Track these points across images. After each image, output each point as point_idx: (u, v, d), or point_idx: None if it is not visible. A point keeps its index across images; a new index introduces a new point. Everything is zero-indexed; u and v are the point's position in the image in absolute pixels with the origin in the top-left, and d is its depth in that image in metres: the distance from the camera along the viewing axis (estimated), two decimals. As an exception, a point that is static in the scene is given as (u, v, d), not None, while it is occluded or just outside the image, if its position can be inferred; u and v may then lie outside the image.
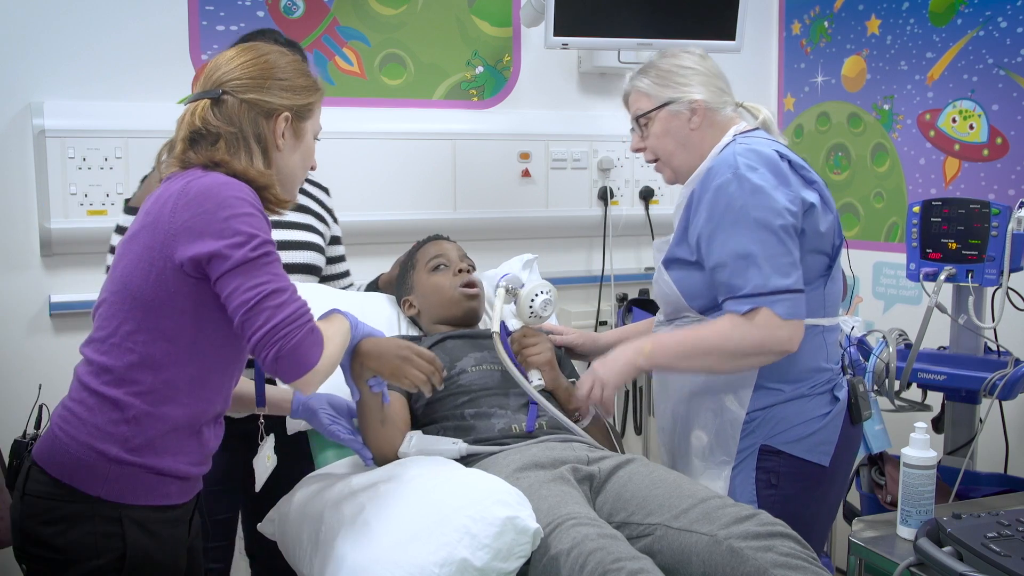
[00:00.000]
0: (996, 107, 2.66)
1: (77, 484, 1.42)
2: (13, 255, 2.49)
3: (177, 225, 1.41)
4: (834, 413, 1.82)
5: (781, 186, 1.72)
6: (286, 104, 1.55)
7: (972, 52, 2.72)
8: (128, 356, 1.43)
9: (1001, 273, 2.26)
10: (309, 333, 1.40)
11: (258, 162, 1.51)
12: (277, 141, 1.55)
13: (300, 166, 1.62)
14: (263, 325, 1.37)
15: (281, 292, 1.40)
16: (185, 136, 1.51)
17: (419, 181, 2.89)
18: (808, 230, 1.75)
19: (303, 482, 1.94)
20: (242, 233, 1.39)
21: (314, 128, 1.64)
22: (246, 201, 1.43)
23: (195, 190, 1.42)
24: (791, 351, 1.72)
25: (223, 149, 1.50)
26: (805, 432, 1.81)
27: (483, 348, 2.11)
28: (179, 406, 1.46)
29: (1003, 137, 2.65)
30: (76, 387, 1.48)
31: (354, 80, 2.86)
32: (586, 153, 3.11)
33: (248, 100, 1.52)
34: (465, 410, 1.97)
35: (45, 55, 2.50)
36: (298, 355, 1.39)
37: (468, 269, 2.23)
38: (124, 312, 1.44)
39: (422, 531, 1.53)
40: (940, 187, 2.83)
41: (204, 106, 1.52)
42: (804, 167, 1.80)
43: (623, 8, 2.60)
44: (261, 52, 1.58)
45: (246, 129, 1.51)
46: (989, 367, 2.28)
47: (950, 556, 1.49)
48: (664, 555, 1.61)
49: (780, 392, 1.82)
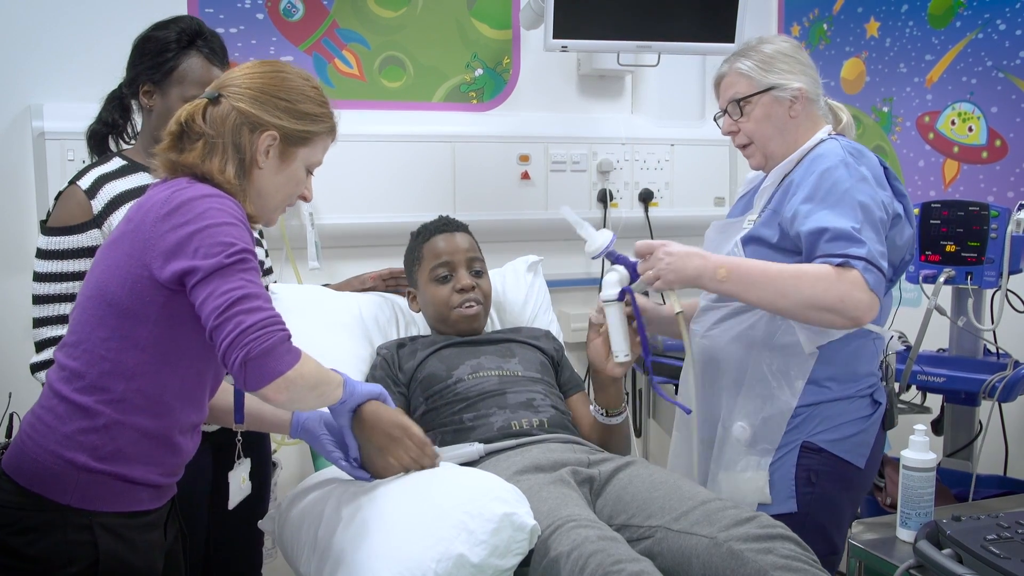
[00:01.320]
0: (995, 109, 2.66)
1: (46, 493, 1.40)
2: (12, 258, 2.49)
3: (157, 236, 1.39)
4: (875, 417, 1.86)
5: (880, 187, 1.77)
6: (275, 123, 1.51)
7: (971, 54, 2.72)
8: (101, 363, 1.41)
9: (1000, 275, 2.26)
10: (282, 342, 1.34)
11: (229, 169, 1.48)
12: (258, 157, 1.51)
13: (281, 191, 1.57)
14: (232, 330, 1.31)
15: (253, 298, 1.34)
16: (171, 131, 1.50)
17: (418, 183, 2.89)
18: (890, 238, 1.78)
19: (303, 483, 1.94)
20: (219, 243, 1.36)
21: (309, 159, 1.59)
22: (227, 212, 1.40)
23: (178, 201, 1.40)
24: (862, 322, 1.71)
25: (198, 150, 1.48)
26: (848, 432, 1.82)
27: (480, 355, 2.11)
28: (151, 416, 1.44)
29: (1002, 139, 2.65)
30: (47, 393, 1.46)
31: (353, 82, 2.86)
32: (586, 155, 3.11)
33: (238, 108, 1.50)
34: (463, 415, 1.97)
35: (45, 57, 2.50)
36: (267, 360, 1.31)
37: (472, 285, 2.18)
38: (98, 318, 1.42)
39: (419, 527, 1.53)
40: (939, 189, 2.84)
41: (198, 105, 1.51)
42: (896, 179, 1.84)
43: (623, 10, 2.60)
44: (277, 69, 1.56)
45: (226, 135, 1.49)
46: (988, 369, 2.29)
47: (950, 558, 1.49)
48: (664, 557, 1.61)
49: (829, 390, 1.83)
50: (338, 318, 2.24)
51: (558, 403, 2.06)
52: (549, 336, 2.30)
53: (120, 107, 1.97)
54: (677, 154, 3.24)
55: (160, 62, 1.87)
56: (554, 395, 2.08)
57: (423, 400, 2.04)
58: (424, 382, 2.06)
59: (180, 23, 1.91)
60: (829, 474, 1.82)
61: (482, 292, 2.20)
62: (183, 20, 1.93)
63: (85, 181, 1.84)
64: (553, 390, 2.10)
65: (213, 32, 1.95)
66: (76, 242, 1.80)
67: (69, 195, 1.84)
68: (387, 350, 2.15)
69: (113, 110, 1.97)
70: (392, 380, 2.08)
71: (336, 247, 2.78)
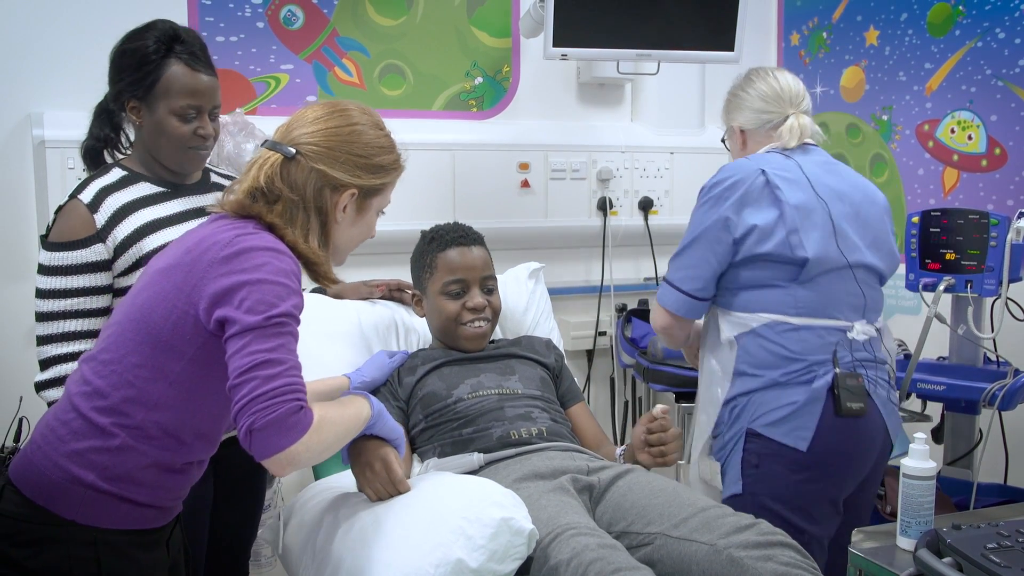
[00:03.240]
0: (994, 118, 2.67)
1: (50, 507, 1.38)
2: (13, 265, 2.49)
3: (211, 277, 1.37)
4: (807, 401, 1.92)
5: (743, 204, 1.97)
6: (355, 183, 1.50)
7: (970, 63, 2.72)
8: (127, 388, 1.39)
9: (1000, 283, 2.26)
10: (292, 413, 1.30)
11: (313, 240, 1.47)
12: (336, 215, 1.50)
13: (355, 240, 1.58)
14: (247, 395, 1.29)
15: (276, 364, 1.31)
16: (247, 189, 1.47)
17: (418, 191, 2.89)
18: (746, 249, 1.96)
19: (302, 492, 1.94)
20: (265, 302, 1.34)
21: (381, 204, 1.59)
22: (285, 272, 1.38)
23: (240, 247, 1.38)
24: (661, 331, 2.12)
25: (279, 212, 1.46)
26: (782, 415, 1.92)
27: (480, 373, 2.09)
28: (163, 448, 1.42)
29: (1001, 148, 2.65)
30: (65, 405, 1.43)
31: (353, 91, 2.87)
32: (585, 164, 3.12)
33: (319, 170, 1.47)
34: (462, 430, 1.97)
35: (45, 66, 2.51)
36: (270, 433, 1.28)
37: (484, 305, 2.16)
38: (135, 343, 1.40)
39: (417, 533, 1.53)
40: (939, 197, 2.84)
41: (275, 162, 1.48)
42: (778, 187, 1.97)
43: (622, 19, 2.60)
44: (349, 121, 1.53)
45: (308, 199, 1.47)
46: (988, 377, 2.28)
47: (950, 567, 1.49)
48: (664, 564, 1.61)
49: (759, 378, 1.96)
50: (337, 327, 2.23)
51: (556, 416, 2.06)
52: (550, 345, 2.29)
53: (110, 121, 1.93)
54: (677, 162, 3.24)
55: (141, 76, 1.81)
56: (553, 409, 2.08)
57: (422, 418, 2.03)
58: (424, 400, 2.05)
59: (154, 30, 1.85)
60: (771, 456, 1.93)
61: (492, 310, 2.19)
62: (157, 26, 1.86)
63: (86, 195, 1.81)
64: (552, 405, 2.10)
65: (190, 32, 1.89)
66: (80, 257, 1.77)
67: (70, 209, 1.80)
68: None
69: (103, 124, 1.93)
70: (391, 394, 2.08)
71: (336, 255, 2.78)
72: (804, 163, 2.04)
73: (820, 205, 1.99)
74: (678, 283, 2.03)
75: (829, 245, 1.97)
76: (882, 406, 2.01)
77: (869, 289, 2.03)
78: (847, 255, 1.99)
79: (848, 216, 2.02)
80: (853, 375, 1.94)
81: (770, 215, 1.95)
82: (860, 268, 2.01)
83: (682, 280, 2.03)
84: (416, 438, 2.03)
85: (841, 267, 1.98)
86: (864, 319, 2.00)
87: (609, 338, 3.16)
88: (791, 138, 2.08)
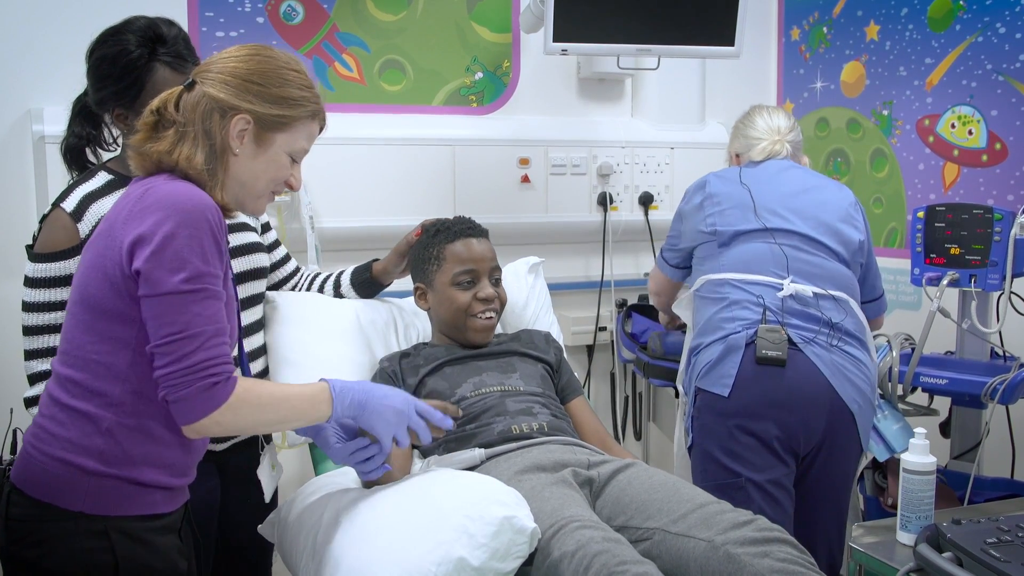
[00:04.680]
0: (995, 113, 2.66)
1: (57, 501, 1.37)
2: (12, 262, 2.48)
3: (128, 232, 1.36)
4: (725, 350, 2.12)
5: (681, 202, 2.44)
6: (247, 108, 1.46)
7: (971, 58, 2.72)
8: (94, 368, 1.39)
9: (1004, 278, 2.27)
10: (205, 389, 1.33)
11: (198, 156, 1.44)
12: (231, 143, 1.47)
13: (261, 177, 1.51)
14: (163, 367, 1.33)
15: (193, 338, 1.33)
16: (146, 121, 1.46)
17: (418, 187, 2.89)
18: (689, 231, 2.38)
19: (303, 488, 1.94)
20: (179, 259, 1.33)
21: (290, 145, 1.52)
22: (198, 219, 1.36)
23: (152, 198, 1.37)
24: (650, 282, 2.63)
25: (168, 139, 1.44)
26: (708, 367, 2.14)
27: (482, 371, 2.08)
28: (149, 417, 1.40)
29: (1002, 143, 2.65)
30: (45, 402, 1.43)
31: (354, 86, 2.87)
32: (585, 159, 3.11)
33: (209, 94, 1.46)
34: (464, 427, 1.97)
35: (45, 61, 2.50)
36: (182, 407, 1.34)
37: (494, 295, 2.14)
38: (84, 323, 1.40)
39: (419, 531, 1.53)
40: (939, 192, 2.84)
41: (172, 93, 1.48)
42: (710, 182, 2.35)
43: (622, 14, 2.60)
44: (256, 52, 1.51)
45: (196, 122, 1.45)
46: (992, 372, 2.28)
47: (950, 562, 1.49)
48: (662, 560, 1.61)
49: (699, 335, 2.23)
50: (336, 325, 2.22)
51: (557, 411, 2.06)
52: (549, 339, 2.29)
53: (91, 119, 1.85)
54: (677, 157, 3.24)
55: (126, 86, 1.73)
56: (553, 405, 2.08)
57: None
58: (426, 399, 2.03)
59: (132, 30, 1.75)
60: (704, 407, 2.14)
61: (500, 302, 2.18)
62: (134, 26, 1.75)
63: (69, 203, 1.72)
64: (553, 401, 2.10)
65: (172, 26, 1.79)
66: (62, 269, 1.69)
67: (54, 219, 1.71)
68: (389, 363, 2.12)
69: (84, 122, 1.84)
70: None
71: (336, 250, 2.78)
72: (747, 166, 2.37)
73: (742, 190, 2.28)
74: (663, 248, 2.53)
75: (745, 214, 2.26)
76: (824, 366, 2.08)
77: (795, 251, 2.20)
78: (765, 222, 2.23)
79: (776, 196, 2.26)
80: (775, 328, 2.09)
81: (696, 202, 2.35)
82: (782, 233, 2.22)
83: (665, 245, 2.52)
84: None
85: (759, 230, 2.23)
86: (791, 277, 2.16)
87: (609, 333, 3.16)
88: (758, 155, 2.39)
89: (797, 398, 2.06)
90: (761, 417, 2.06)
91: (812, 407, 2.07)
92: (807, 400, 2.07)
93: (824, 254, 2.21)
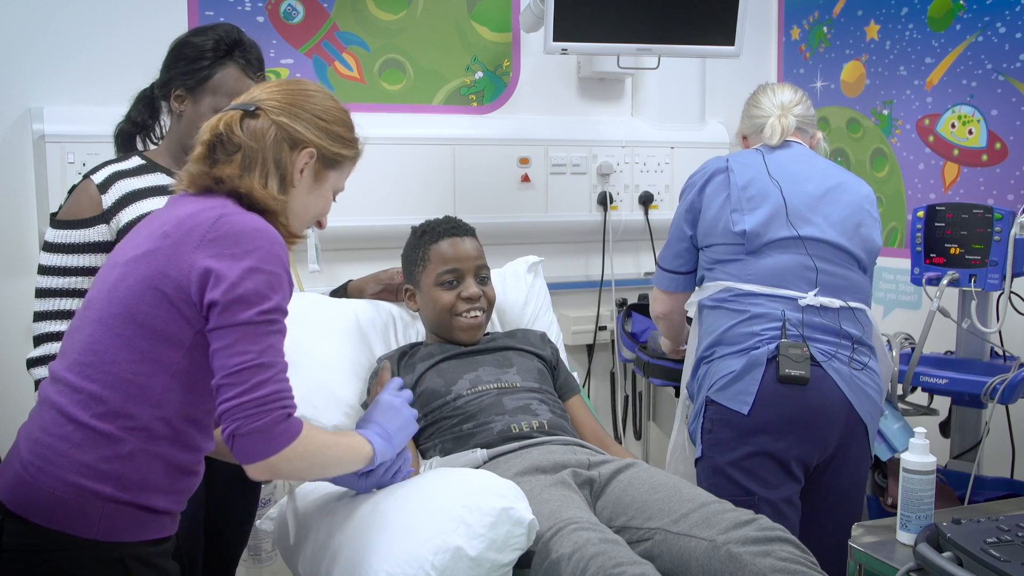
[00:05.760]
0: (995, 112, 2.66)
1: (67, 529, 1.28)
2: (13, 260, 2.49)
3: (200, 259, 1.32)
4: (750, 365, 2.03)
5: (691, 190, 2.25)
6: (315, 141, 1.48)
7: (971, 57, 2.72)
8: (126, 387, 1.31)
9: (1004, 278, 2.26)
10: (279, 422, 1.29)
11: (273, 185, 1.43)
12: (294, 175, 1.47)
13: (310, 211, 1.53)
14: (233, 399, 1.27)
15: (265, 368, 1.29)
16: (206, 141, 1.44)
17: (418, 186, 2.89)
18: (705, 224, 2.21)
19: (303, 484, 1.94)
20: (256, 294, 1.31)
21: (336, 184, 1.56)
22: (275, 257, 1.34)
23: (228, 229, 1.34)
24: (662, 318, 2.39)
25: (237, 163, 1.42)
26: (726, 381, 2.05)
27: (478, 367, 2.09)
28: (172, 444, 1.35)
29: (1002, 142, 2.65)
30: (54, 419, 1.32)
31: (354, 85, 2.87)
32: (585, 158, 3.11)
33: (279, 123, 1.45)
34: (463, 426, 1.97)
35: (44, 60, 2.50)
36: (254, 440, 1.28)
37: (479, 294, 2.15)
38: (124, 339, 1.32)
39: (416, 522, 1.53)
40: (939, 192, 2.84)
41: (235, 115, 1.46)
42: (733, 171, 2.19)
43: (622, 14, 2.60)
44: (306, 88, 1.53)
45: (267, 150, 1.44)
46: (992, 371, 2.28)
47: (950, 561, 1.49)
48: (663, 560, 1.61)
49: (714, 345, 2.13)
50: (336, 325, 2.23)
51: (556, 408, 2.06)
52: (545, 339, 2.29)
53: (150, 107, 1.96)
54: (677, 157, 3.24)
55: (196, 69, 1.85)
56: (552, 401, 2.08)
57: (423, 416, 2.03)
58: (423, 398, 2.04)
59: (219, 30, 1.90)
60: (720, 421, 2.06)
61: (487, 300, 2.19)
62: (222, 28, 1.91)
63: (99, 176, 1.84)
64: (551, 396, 2.10)
65: (252, 43, 1.94)
66: (83, 236, 1.80)
67: (82, 189, 1.83)
68: (388, 361, 2.14)
69: (143, 110, 1.96)
70: None
71: (336, 249, 2.78)
72: (770, 153, 2.23)
73: (772, 185, 2.15)
74: (662, 263, 2.32)
75: (777, 219, 2.12)
76: (843, 381, 2.04)
77: (824, 263, 2.12)
78: (798, 229, 2.11)
79: (807, 196, 2.15)
80: (797, 344, 2.03)
81: (722, 196, 2.18)
82: (814, 242, 2.12)
83: (663, 259, 2.31)
84: (417, 436, 2.03)
85: (791, 239, 2.12)
86: (817, 291, 2.08)
87: (609, 333, 3.16)
88: (772, 135, 2.25)
89: (818, 417, 2.03)
90: (780, 436, 2.02)
91: (829, 424, 2.04)
92: (826, 418, 2.04)
93: (849, 264, 2.16)
